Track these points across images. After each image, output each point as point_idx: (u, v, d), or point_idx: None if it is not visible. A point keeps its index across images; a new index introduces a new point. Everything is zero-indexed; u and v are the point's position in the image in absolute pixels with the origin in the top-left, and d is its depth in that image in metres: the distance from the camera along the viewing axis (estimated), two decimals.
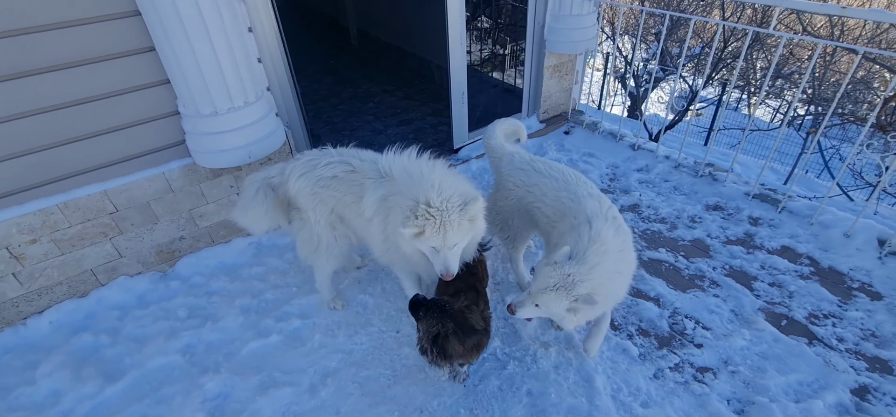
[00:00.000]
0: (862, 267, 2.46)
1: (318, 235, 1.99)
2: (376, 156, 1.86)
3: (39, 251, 2.11)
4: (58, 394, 1.91)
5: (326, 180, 1.89)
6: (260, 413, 1.81)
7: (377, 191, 1.76)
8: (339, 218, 1.98)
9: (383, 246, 1.84)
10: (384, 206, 1.74)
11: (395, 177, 1.73)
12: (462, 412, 1.83)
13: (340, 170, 1.87)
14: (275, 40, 2.42)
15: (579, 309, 1.59)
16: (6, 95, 1.79)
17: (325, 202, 1.92)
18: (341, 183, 1.88)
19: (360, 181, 1.83)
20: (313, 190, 1.90)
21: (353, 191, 1.86)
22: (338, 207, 1.93)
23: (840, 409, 1.83)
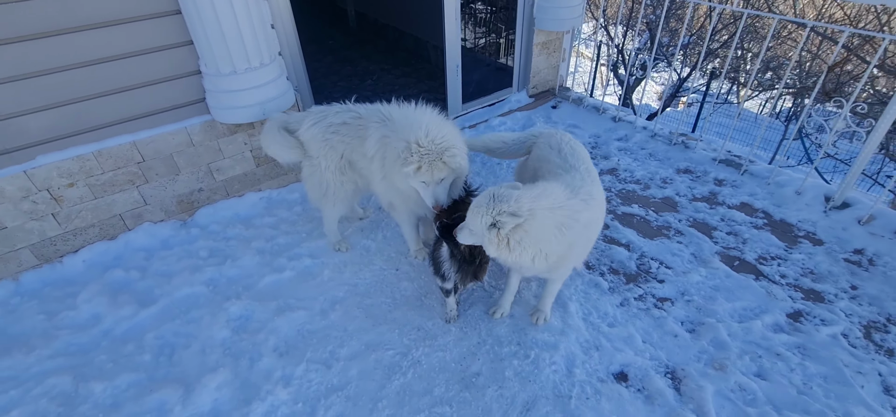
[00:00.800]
0: (809, 219, 2.77)
1: (328, 181, 2.23)
2: (380, 105, 2.12)
3: (76, 194, 2.35)
4: (98, 317, 2.18)
5: (336, 126, 2.14)
6: (278, 329, 2.09)
7: (378, 131, 2.01)
8: (348, 164, 2.21)
9: (383, 185, 2.09)
10: (382, 145, 1.98)
11: (394, 120, 1.98)
12: (454, 329, 2.13)
13: (349, 116, 2.13)
14: (286, 9, 2.66)
15: (503, 225, 1.54)
16: (51, 50, 2.02)
17: (335, 148, 2.16)
18: (350, 128, 2.13)
19: (365, 125, 2.08)
20: (324, 136, 2.14)
21: (359, 135, 2.11)
22: (347, 152, 2.17)
23: (776, 328, 2.15)
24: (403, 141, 1.82)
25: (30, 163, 2.17)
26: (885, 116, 2.47)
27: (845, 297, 2.29)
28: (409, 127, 1.87)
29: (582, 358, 2.01)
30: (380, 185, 2.12)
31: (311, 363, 1.96)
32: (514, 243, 1.60)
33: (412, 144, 1.80)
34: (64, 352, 2.01)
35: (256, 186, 2.95)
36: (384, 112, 2.05)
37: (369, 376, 1.92)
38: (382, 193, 2.20)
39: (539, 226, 1.58)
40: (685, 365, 1.99)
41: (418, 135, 1.81)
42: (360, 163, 2.16)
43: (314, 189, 2.30)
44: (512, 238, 1.59)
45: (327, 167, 2.19)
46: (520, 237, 1.58)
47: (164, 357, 2.00)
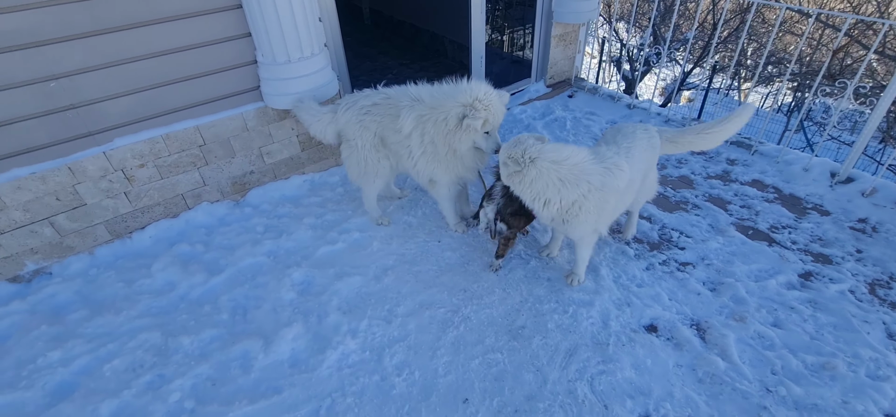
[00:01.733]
0: (816, 192, 2.99)
1: (365, 158, 2.46)
2: (407, 86, 2.36)
3: (145, 174, 2.56)
4: (172, 284, 2.39)
5: (368, 107, 2.38)
6: (339, 292, 2.31)
7: (412, 112, 2.24)
8: (380, 141, 2.44)
9: (423, 160, 2.32)
10: (421, 123, 2.23)
11: (425, 100, 2.23)
12: (497, 291, 2.34)
13: (379, 98, 2.37)
14: (331, 5, 2.87)
15: (506, 166, 1.93)
16: (132, 41, 2.24)
17: (368, 128, 2.40)
18: (380, 108, 2.37)
19: (395, 104, 2.32)
20: (358, 118, 2.39)
21: (390, 113, 2.34)
22: (379, 130, 2.40)
23: (789, 285, 2.36)
24: (458, 106, 2.09)
25: (108, 144, 2.38)
26: (886, 95, 2.69)
27: (851, 260, 2.50)
28: (453, 96, 2.13)
29: (615, 313, 2.22)
30: (420, 162, 2.34)
31: (372, 319, 2.18)
32: (516, 185, 1.97)
33: (474, 102, 2.08)
34: (148, 313, 2.23)
35: (300, 169, 3.17)
36: (412, 93, 2.30)
37: (426, 329, 2.14)
38: (422, 170, 2.40)
39: (538, 175, 1.90)
40: (708, 318, 2.21)
41: (476, 95, 2.09)
42: (392, 139, 2.38)
43: (354, 168, 2.53)
44: (514, 181, 1.95)
45: (363, 145, 2.43)
46: (518, 181, 1.94)
47: (239, 316, 2.21)
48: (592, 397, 1.88)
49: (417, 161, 2.36)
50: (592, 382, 1.93)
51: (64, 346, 2.05)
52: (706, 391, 1.91)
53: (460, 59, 5.39)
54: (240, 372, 1.95)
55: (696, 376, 1.96)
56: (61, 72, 2.10)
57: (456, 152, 2.20)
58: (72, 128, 2.24)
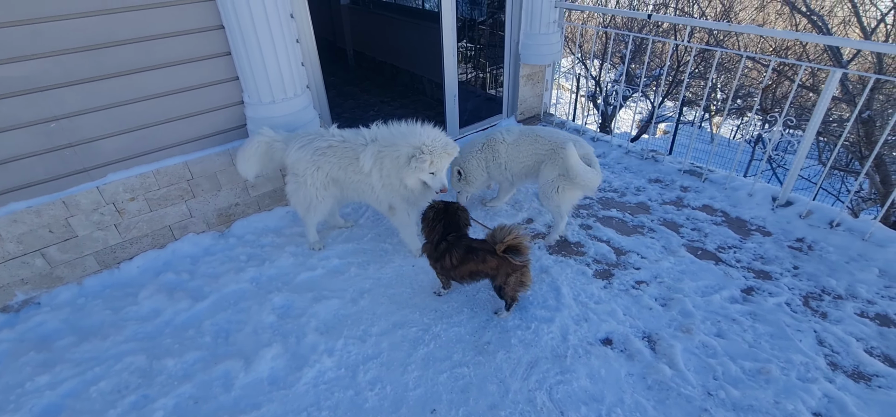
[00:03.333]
0: (760, 215, 3.27)
1: (312, 196, 2.65)
2: (355, 130, 2.62)
3: (136, 207, 2.72)
4: (158, 310, 2.51)
5: (323, 149, 2.59)
6: (317, 314, 2.46)
7: (371, 150, 2.50)
8: (332, 180, 2.66)
9: (383, 191, 2.58)
10: (379, 159, 2.49)
11: (381, 139, 2.50)
12: (466, 310, 2.52)
13: (334, 141, 2.59)
14: (313, 50, 3.14)
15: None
16: (129, 85, 2.45)
17: (321, 168, 2.61)
18: (335, 150, 2.59)
19: (351, 147, 2.56)
20: (312, 159, 2.59)
21: (346, 155, 2.57)
22: (332, 171, 2.62)
23: (732, 299, 2.59)
24: (409, 147, 2.35)
25: (102, 179, 2.55)
26: (811, 125, 3.03)
27: (788, 275, 2.76)
28: (406, 137, 2.40)
29: (574, 328, 2.41)
30: (380, 193, 2.59)
31: (348, 339, 2.33)
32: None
33: (422, 147, 2.32)
34: (134, 338, 2.34)
35: (283, 201, 3.35)
36: (367, 135, 2.56)
37: (398, 347, 2.30)
38: (382, 199, 2.65)
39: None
40: (658, 331, 2.41)
41: (423, 140, 2.34)
42: (349, 179, 2.61)
43: (301, 202, 2.72)
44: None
45: (313, 184, 2.61)
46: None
47: (222, 339, 2.34)
48: (550, 404, 2.04)
49: (379, 192, 2.61)
50: (551, 391, 2.10)
51: (51, 371, 2.15)
52: (654, 396, 2.09)
53: (438, 96, 5.72)
54: (221, 391, 2.07)
55: (645, 383, 2.15)
56: (62, 113, 2.30)
57: (406, 186, 2.46)
58: (68, 165, 2.41)
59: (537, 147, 2.94)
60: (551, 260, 2.91)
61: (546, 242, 3.05)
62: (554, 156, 2.86)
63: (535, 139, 2.96)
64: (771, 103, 6.07)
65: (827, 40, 3.06)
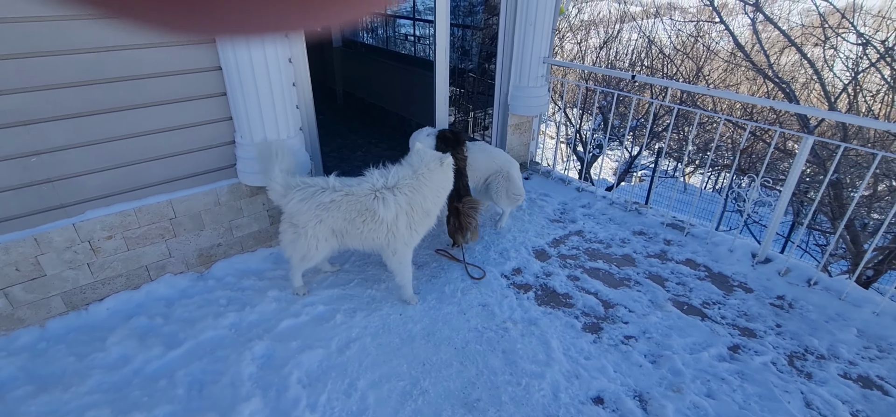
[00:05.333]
0: (740, 271, 3.36)
1: (312, 246, 2.59)
2: (357, 179, 2.62)
3: (112, 246, 2.60)
4: (127, 357, 2.35)
5: (326, 205, 2.51)
6: (301, 364, 2.34)
7: (390, 199, 2.50)
8: (332, 232, 2.60)
9: (407, 233, 2.60)
10: (406, 204, 2.53)
11: (399, 186, 2.54)
12: (454, 363, 2.45)
13: (337, 196, 2.53)
14: (308, 94, 3.16)
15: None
16: (118, 122, 2.39)
17: (324, 221, 2.54)
18: (339, 205, 2.53)
19: (357, 199, 2.53)
20: (315, 212, 2.51)
21: (354, 208, 2.53)
22: (335, 224, 2.56)
23: (720, 358, 2.60)
24: (433, 159, 2.56)
25: (79, 216, 2.43)
26: (787, 186, 3.18)
27: (772, 333, 2.80)
28: (422, 160, 2.58)
29: (565, 385, 2.37)
30: (404, 235, 2.59)
31: (332, 393, 2.22)
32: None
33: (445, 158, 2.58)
34: (98, 389, 2.17)
35: (268, 243, 3.26)
36: (374, 182, 2.57)
37: (385, 403, 2.20)
38: (403, 244, 2.64)
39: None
40: (649, 389, 2.38)
41: (423, 150, 2.64)
42: (355, 230, 2.58)
43: (298, 251, 2.63)
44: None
45: (314, 235, 2.56)
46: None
47: (195, 391, 2.20)
48: None
49: (401, 235, 2.60)
50: None
51: None
52: None
53: None
54: None
55: None
56: (44, 148, 2.21)
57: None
58: (45, 201, 2.30)
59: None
60: (540, 311, 2.89)
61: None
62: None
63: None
64: (748, 164, 6.44)
65: (801, 110, 3.27)
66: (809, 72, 7.50)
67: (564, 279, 3.22)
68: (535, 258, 3.45)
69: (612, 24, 12.44)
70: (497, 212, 3.90)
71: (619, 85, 11.01)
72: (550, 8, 3.92)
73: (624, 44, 12.83)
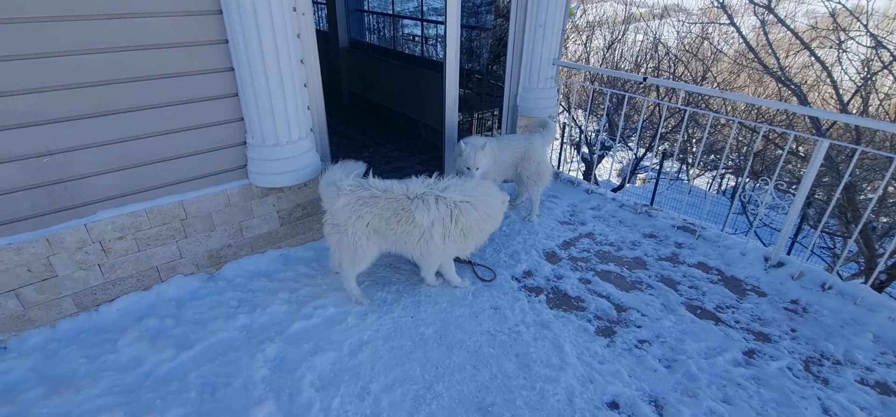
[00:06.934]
0: (753, 275, 3.32)
1: (358, 244, 2.57)
2: (405, 181, 2.63)
3: (123, 247, 2.59)
4: (139, 360, 2.34)
5: (365, 200, 2.53)
6: (313, 367, 2.32)
7: (433, 206, 2.55)
8: (373, 230, 2.59)
9: (442, 242, 2.61)
10: (448, 215, 2.58)
11: (431, 193, 2.57)
12: (468, 367, 2.42)
13: (377, 191, 2.55)
14: (319, 94, 3.14)
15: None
16: (131, 122, 2.38)
17: (362, 217, 2.54)
18: (377, 202, 2.54)
19: (396, 199, 2.54)
20: (354, 208, 2.53)
21: (391, 207, 2.54)
22: (373, 221, 2.56)
23: (735, 363, 2.57)
24: (495, 195, 2.72)
25: (91, 217, 2.42)
26: (801, 191, 3.14)
27: (787, 338, 2.77)
28: (477, 189, 2.68)
29: (579, 390, 2.34)
30: (437, 245, 2.61)
31: (345, 397, 2.20)
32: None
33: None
34: (110, 392, 2.16)
35: (277, 244, 3.25)
36: (418, 187, 2.59)
37: (398, 407, 2.17)
38: (434, 255, 2.68)
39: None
40: (665, 395, 2.36)
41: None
42: (390, 230, 2.57)
43: (345, 252, 2.60)
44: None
45: (353, 232, 2.55)
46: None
47: (208, 394, 2.18)
48: None
49: (434, 244, 2.60)
50: None
51: None
52: None
53: (433, 140, 5.79)
54: None
55: None
56: (57, 148, 2.20)
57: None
58: (57, 201, 2.29)
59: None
60: (552, 314, 2.87)
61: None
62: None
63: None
64: (761, 167, 6.41)
65: (817, 113, 3.24)
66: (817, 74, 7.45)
67: (576, 282, 3.19)
68: (546, 260, 3.42)
69: (617, 25, 12.41)
70: (521, 211, 4.03)
71: (625, 86, 10.98)
72: (561, 9, 3.89)
73: (628, 45, 12.80)
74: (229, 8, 2.37)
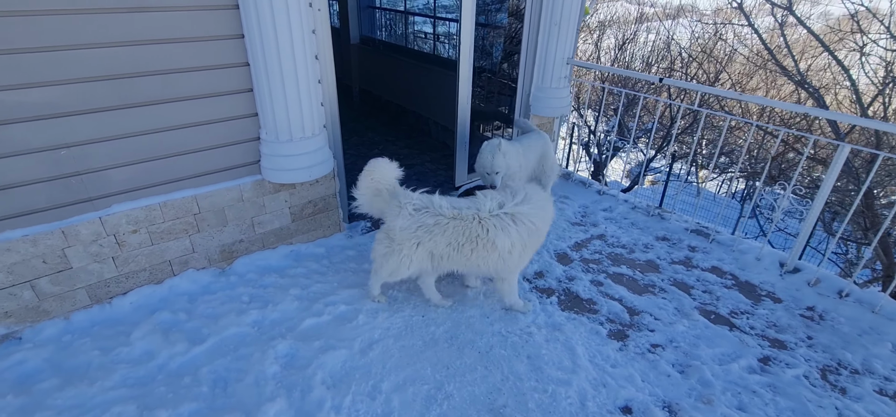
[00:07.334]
0: (768, 281, 3.27)
1: (403, 266, 2.48)
2: (469, 201, 2.51)
3: (137, 240, 2.60)
4: (151, 353, 2.35)
5: (429, 228, 2.39)
6: (324, 365, 2.32)
7: (513, 229, 2.42)
8: (429, 255, 2.47)
9: (520, 256, 2.53)
10: (524, 237, 2.47)
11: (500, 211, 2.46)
12: (479, 368, 2.41)
13: (443, 219, 2.40)
14: (333, 91, 3.13)
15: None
16: (147, 116, 2.39)
17: (423, 245, 2.42)
18: (444, 230, 2.40)
19: (467, 226, 2.40)
20: (415, 234, 2.39)
21: (463, 233, 2.41)
22: (435, 248, 2.43)
23: (750, 369, 2.53)
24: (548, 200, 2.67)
25: (106, 210, 2.43)
26: (819, 196, 3.09)
27: (803, 345, 2.72)
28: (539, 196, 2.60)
29: (592, 393, 2.32)
30: (516, 261, 2.52)
31: (356, 395, 2.19)
32: None
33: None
34: (123, 384, 2.17)
35: (288, 240, 3.25)
36: (488, 206, 2.46)
37: (409, 406, 2.16)
38: (513, 270, 2.59)
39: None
40: (679, 400, 2.32)
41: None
42: (453, 256, 2.46)
43: (385, 266, 2.53)
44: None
45: (407, 255, 2.45)
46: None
47: (220, 389, 2.18)
48: None
49: (514, 261, 2.52)
50: None
51: None
52: None
53: (443, 139, 5.77)
54: None
55: None
56: (74, 141, 2.21)
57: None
58: (73, 194, 2.30)
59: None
60: (564, 316, 2.84)
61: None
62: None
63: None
64: (780, 170, 6.33)
65: (838, 116, 3.17)
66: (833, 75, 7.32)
67: (588, 284, 3.16)
68: (558, 261, 3.39)
69: (629, 24, 12.30)
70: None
71: (636, 86, 10.86)
72: (576, 8, 3.85)
73: (639, 45, 12.68)
74: (246, 2, 2.36)
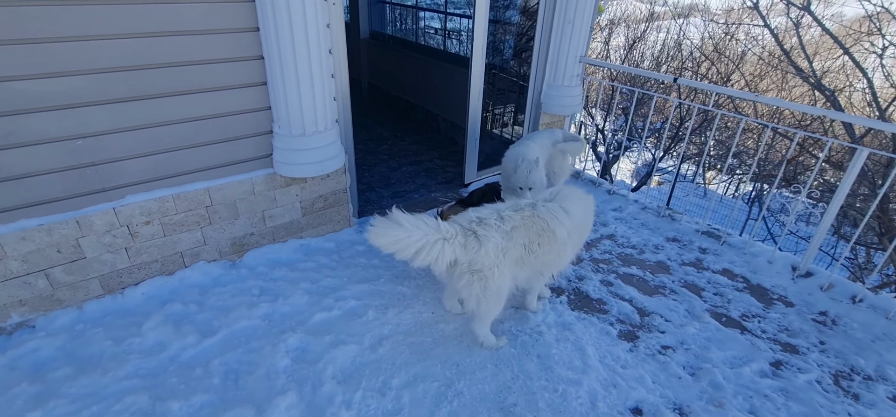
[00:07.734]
0: (780, 284, 3.24)
1: (502, 288, 2.18)
2: (513, 201, 2.40)
3: (150, 231, 2.61)
4: (163, 344, 2.36)
5: (508, 232, 2.17)
6: (334, 360, 2.32)
7: (566, 217, 2.34)
8: (514, 262, 2.22)
9: (572, 251, 2.52)
10: (573, 228, 2.39)
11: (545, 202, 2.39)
12: (489, 366, 2.40)
13: (518, 220, 2.23)
14: (345, 86, 3.13)
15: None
16: (162, 108, 2.39)
17: (509, 253, 2.17)
18: (519, 229, 2.21)
19: (541, 218, 2.28)
20: (502, 246, 2.13)
21: (537, 226, 2.26)
22: (516, 252, 2.21)
23: (761, 373, 2.51)
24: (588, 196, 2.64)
25: (119, 200, 2.44)
26: (836, 199, 3.05)
27: (816, 350, 2.69)
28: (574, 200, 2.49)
29: (602, 394, 2.31)
30: (570, 254, 2.52)
31: (367, 391, 2.19)
32: None
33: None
34: (136, 375, 2.18)
35: (299, 234, 3.25)
36: (526, 201, 2.41)
37: (419, 403, 2.16)
38: (566, 262, 2.58)
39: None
40: (690, 403, 2.31)
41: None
42: (542, 249, 2.29)
43: (491, 303, 2.22)
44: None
45: (501, 275, 2.14)
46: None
47: (231, 381, 2.19)
48: None
49: (571, 253, 2.51)
50: None
51: (45, 407, 1.98)
52: None
53: (452, 136, 5.75)
54: None
55: None
56: (90, 132, 2.22)
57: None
58: (88, 184, 2.31)
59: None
60: (573, 316, 2.83)
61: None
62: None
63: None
64: (794, 173, 6.27)
65: (857, 120, 3.12)
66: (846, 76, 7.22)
67: (598, 284, 3.14)
68: None
69: (640, 23, 12.19)
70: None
71: (646, 85, 10.77)
72: (589, 5, 3.82)
73: (649, 44, 12.58)
74: None
